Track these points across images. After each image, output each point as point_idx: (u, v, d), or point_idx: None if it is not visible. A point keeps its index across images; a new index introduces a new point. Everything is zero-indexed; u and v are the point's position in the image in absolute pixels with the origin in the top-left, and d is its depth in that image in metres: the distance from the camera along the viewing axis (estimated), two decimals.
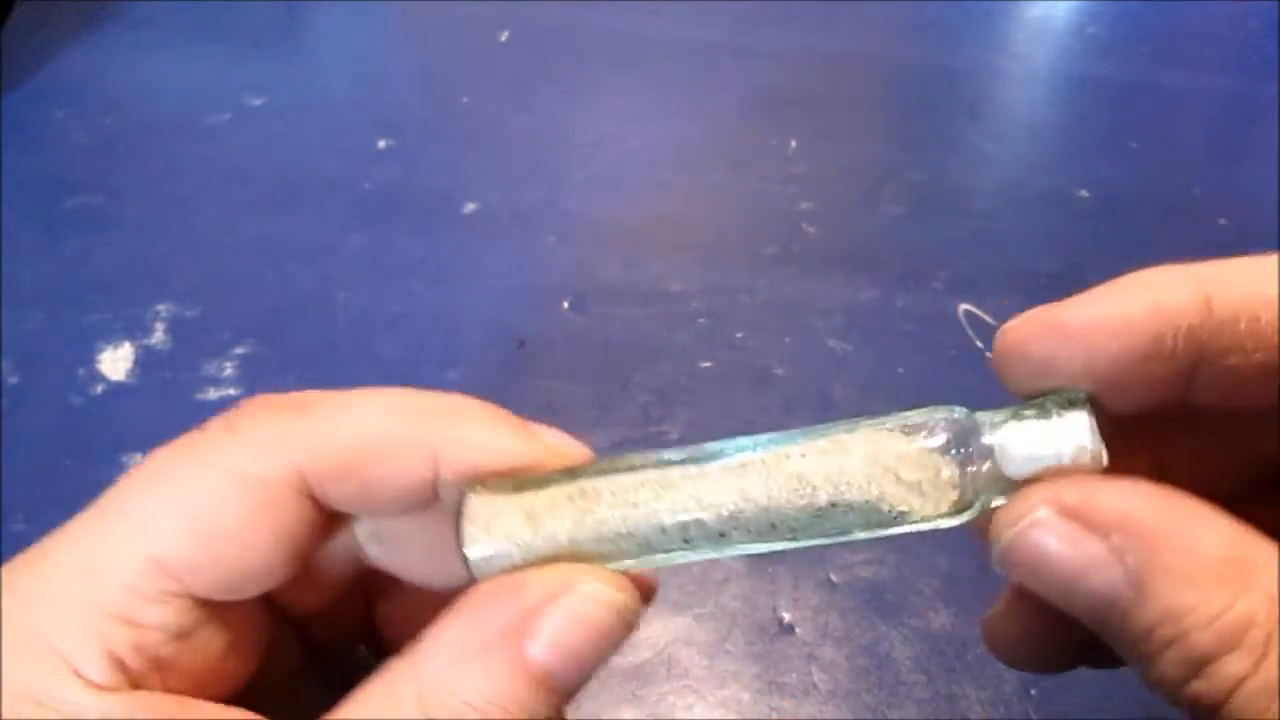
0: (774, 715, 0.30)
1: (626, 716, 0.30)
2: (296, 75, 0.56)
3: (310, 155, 0.50)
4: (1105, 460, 0.18)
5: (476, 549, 0.19)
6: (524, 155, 0.51)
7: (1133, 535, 0.17)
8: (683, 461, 0.19)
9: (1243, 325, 0.17)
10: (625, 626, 0.18)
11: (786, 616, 0.32)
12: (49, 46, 0.57)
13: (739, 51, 0.58)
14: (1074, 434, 0.18)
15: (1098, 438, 0.18)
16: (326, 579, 0.23)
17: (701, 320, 0.42)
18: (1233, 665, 0.16)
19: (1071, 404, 0.18)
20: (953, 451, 0.19)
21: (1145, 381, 0.18)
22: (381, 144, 0.51)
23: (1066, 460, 0.18)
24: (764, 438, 0.20)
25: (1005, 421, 0.19)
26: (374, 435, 0.19)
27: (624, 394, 0.39)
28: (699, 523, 0.19)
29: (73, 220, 0.47)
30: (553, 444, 0.20)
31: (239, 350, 0.41)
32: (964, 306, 0.42)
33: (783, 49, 0.58)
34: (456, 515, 0.19)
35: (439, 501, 0.20)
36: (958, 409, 0.19)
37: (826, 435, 0.19)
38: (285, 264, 0.45)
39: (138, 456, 0.36)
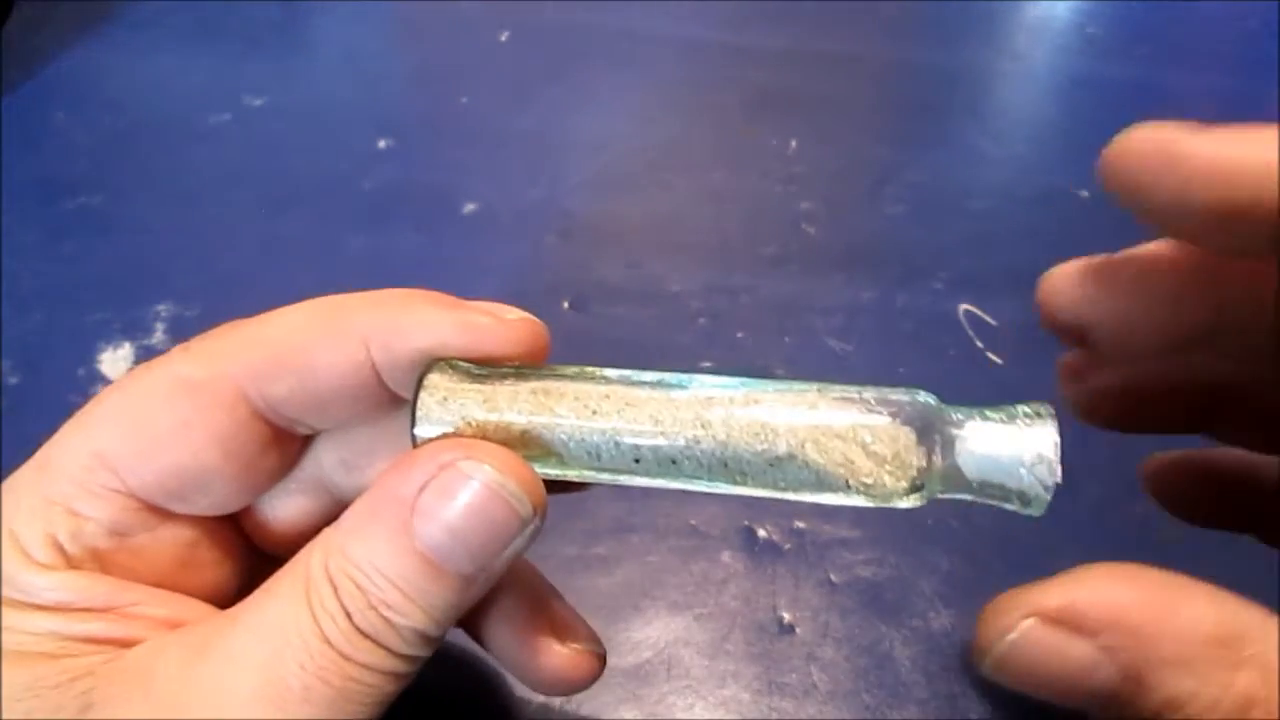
0: (774, 715, 0.30)
1: (626, 716, 0.30)
2: (296, 75, 0.56)
3: (310, 155, 0.50)
4: (1059, 476, 0.18)
5: (426, 427, 0.19)
6: (524, 155, 0.51)
7: (1122, 633, 0.16)
8: (653, 384, 0.20)
9: None
10: (521, 523, 0.18)
11: (786, 616, 0.32)
12: (49, 46, 0.57)
13: (739, 51, 0.58)
14: (1037, 445, 0.18)
15: (1057, 452, 0.18)
16: (301, 515, 0.23)
17: (701, 320, 0.42)
18: None
19: (1039, 416, 0.18)
20: (921, 436, 0.18)
21: (1252, 245, 0.17)
22: (381, 144, 0.51)
23: (1022, 470, 0.18)
24: (736, 379, 0.19)
25: (972, 418, 0.19)
26: (300, 328, 0.20)
27: None
28: (653, 446, 0.19)
29: (73, 220, 0.47)
30: (484, 318, 0.20)
31: None
32: (964, 306, 0.42)
33: (783, 49, 0.58)
34: (414, 391, 0.19)
35: (392, 408, 0.21)
36: (931, 395, 0.19)
37: (800, 390, 0.19)
38: (285, 264, 0.45)
39: None
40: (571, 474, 0.19)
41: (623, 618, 0.32)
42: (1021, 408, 0.19)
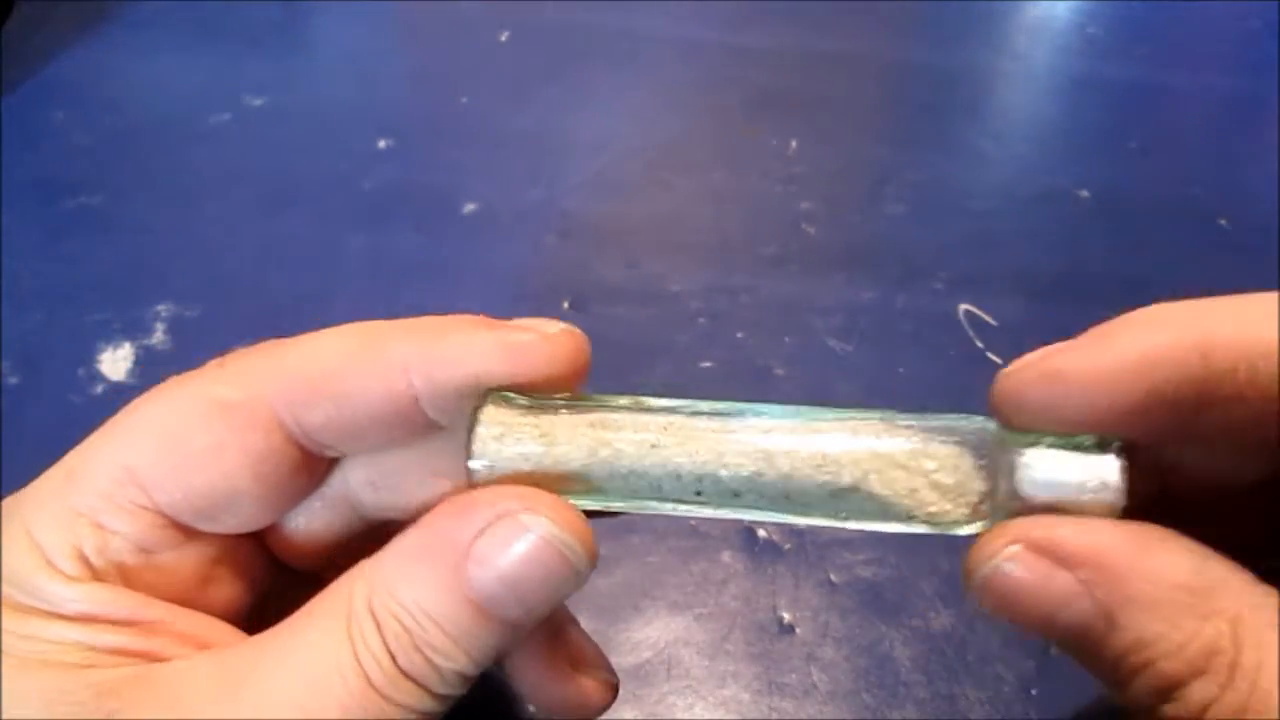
0: (774, 715, 0.30)
1: (626, 717, 0.30)
2: (296, 75, 0.56)
3: (310, 155, 0.50)
4: (1124, 503, 0.18)
5: (485, 461, 0.19)
6: (524, 155, 0.51)
7: (1100, 568, 0.17)
8: (710, 414, 0.19)
9: (1242, 375, 0.17)
10: (574, 574, 0.18)
11: (786, 616, 0.32)
12: (49, 46, 0.57)
13: (739, 51, 0.58)
14: (1101, 471, 0.18)
15: (1123, 478, 0.18)
16: (325, 531, 0.23)
17: (701, 320, 0.42)
18: (1201, 690, 0.16)
19: (1105, 444, 0.18)
20: (982, 463, 0.19)
21: (1145, 428, 0.18)
22: (381, 144, 0.51)
23: (1087, 495, 0.18)
24: (793, 408, 0.19)
25: (1034, 444, 0.19)
26: (338, 354, 0.20)
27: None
28: (715, 478, 0.19)
29: (73, 220, 0.47)
30: (526, 335, 0.20)
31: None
32: (964, 306, 0.42)
33: (783, 49, 0.58)
34: (469, 424, 0.19)
35: (428, 433, 0.21)
36: (990, 421, 0.19)
37: (862, 419, 0.19)
38: (285, 264, 0.45)
39: None
40: (632, 505, 0.19)
41: (623, 618, 0.32)
42: (1085, 436, 0.19)
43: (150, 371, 0.40)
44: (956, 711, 0.30)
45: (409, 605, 0.18)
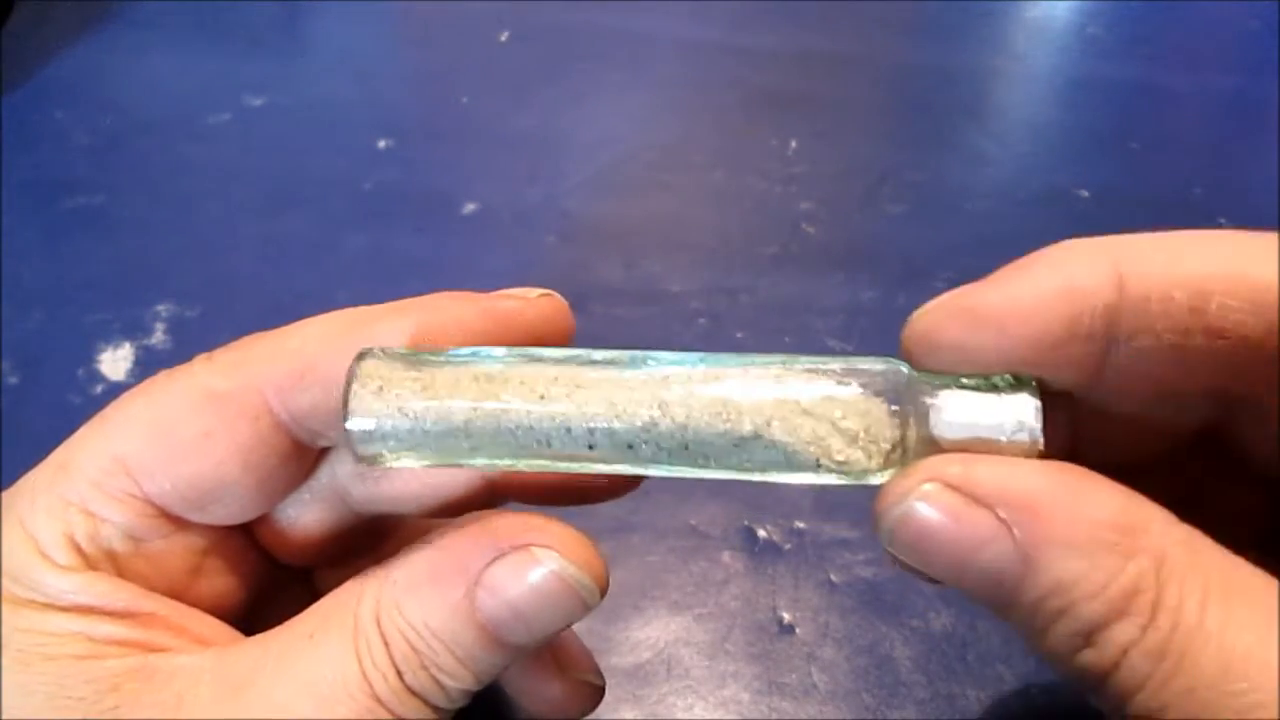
0: (774, 715, 0.30)
1: (626, 717, 0.30)
2: (296, 75, 0.56)
3: (310, 155, 0.50)
4: (1041, 444, 0.17)
5: (359, 420, 0.18)
6: (524, 155, 0.51)
7: (1019, 507, 0.16)
8: (604, 363, 0.18)
9: (1154, 305, 0.17)
10: (582, 606, 0.18)
11: (786, 616, 0.32)
12: (49, 46, 0.57)
13: (739, 51, 0.58)
14: (1017, 412, 0.17)
15: (1039, 419, 0.17)
16: (314, 523, 0.23)
17: (701, 320, 0.42)
18: (1121, 633, 0.15)
19: (1020, 383, 0.18)
20: (893, 407, 0.17)
21: (1059, 363, 0.18)
22: (381, 144, 0.51)
23: (1003, 437, 0.17)
24: (696, 355, 0.18)
25: (947, 386, 0.18)
26: (324, 338, 0.20)
27: None
28: (609, 430, 0.18)
29: (73, 220, 0.47)
30: (510, 301, 0.20)
31: None
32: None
33: (783, 49, 0.58)
34: (345, 382, 0.18)
35: None
36: (903, 364, 0.18)
37: (764, 364, 0.18)
38: (285, 264, 0.45)
39: None
40: (522, 464, 0.18)
41: (623, 618, 0.32)
42: (999, 376, 0.18)
43: (150, 372, 0.40)
44: (956, 711, 0.30)
45: (418, 625, 0.18)
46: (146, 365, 0.40)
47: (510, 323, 0.20)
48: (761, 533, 0.35)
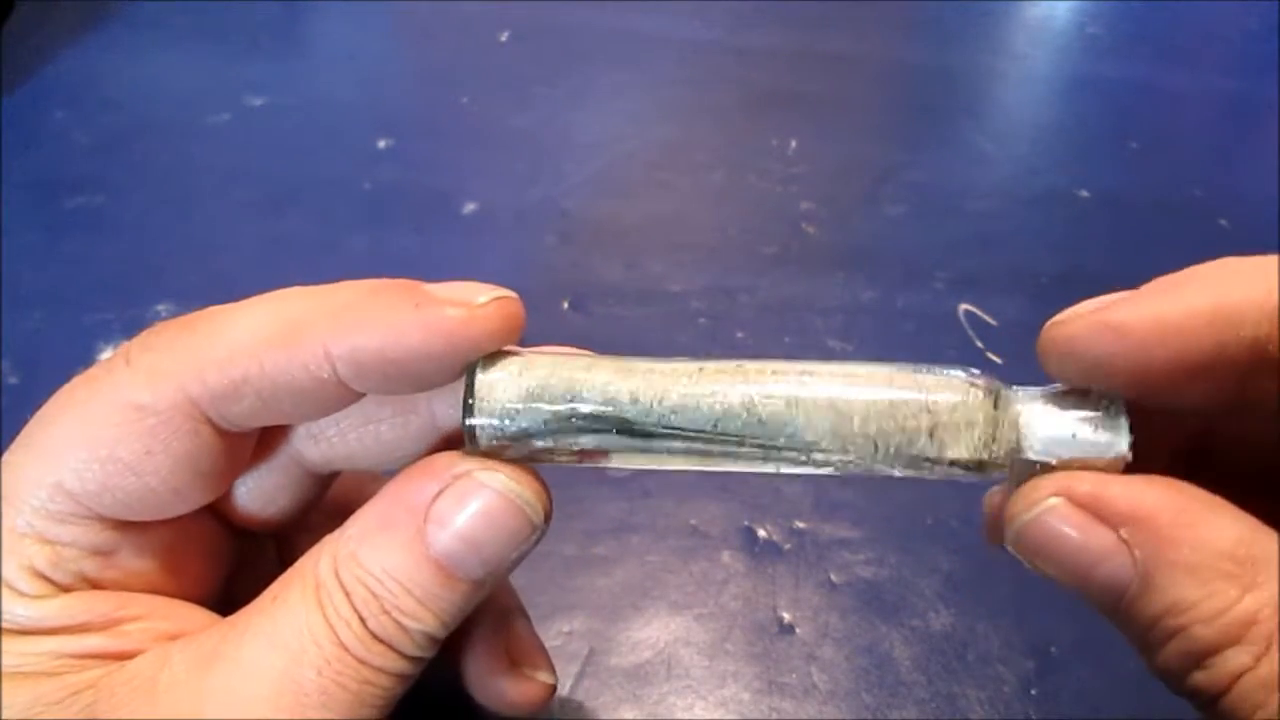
0: (774, 715, 0.30)
1: (626, 717, 0.30)
2: (296, 75, 0.56)
3: (310, 155, 0.50)
4: (1130, 459, 0.18)
5: (487, 416, 0.19)
6: (524, 155, 0.51)
7: (1143, 529, 0.16)
8: (727, 369, 0.19)
9: None
10: (531, 529, 0.18)
11: (786, 616, 0.32)
12: (49, 46, 0.57)
13: (739, 51, 0.58)
14: (1106, 430, 0.18)
15: (1128, 439, 0.18)
16: (279, 494, 0.23)
17: (701, 320, 0.42)
18: (1234, 660, 0.16)
19: (1110, 401, 0.18)
20: (990, 411, 0.18)
21: (1200, 388, 0.18)
22: (381, 144, 0.51)
23: (1091, 454, 0.18)
24: (809, 364, 0.19)
25: (1038, 399, 0.18)
26: (256, 342, 0.19)
27: None
28: (763, 403, 0.18)
29: (73, 220, 0.47)
30: (449, 295, 0.19)
31: None
32: (964, 306, 0.42)
33: (783, 49, 0.58)
34: (467, 382, 0.19)
35: (357, 399, 0.20)
36: (994, 379, 0.19)
37: (871, 370, 0.19)
38: (285, 264, 0.45)
39: None
40: (653, 456, 0.19)
41: (623, 618, 0.32)
42: (1094, 391, 0.18)
43: None
44: (956, 711, 0.30)
45: (374, 570, 0.18)
46: None
47: (451, 337, 0.19)
48: (761, 533, 0.35)
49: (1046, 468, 0.18)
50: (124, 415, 0.19)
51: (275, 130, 0.52)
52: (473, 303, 0.19)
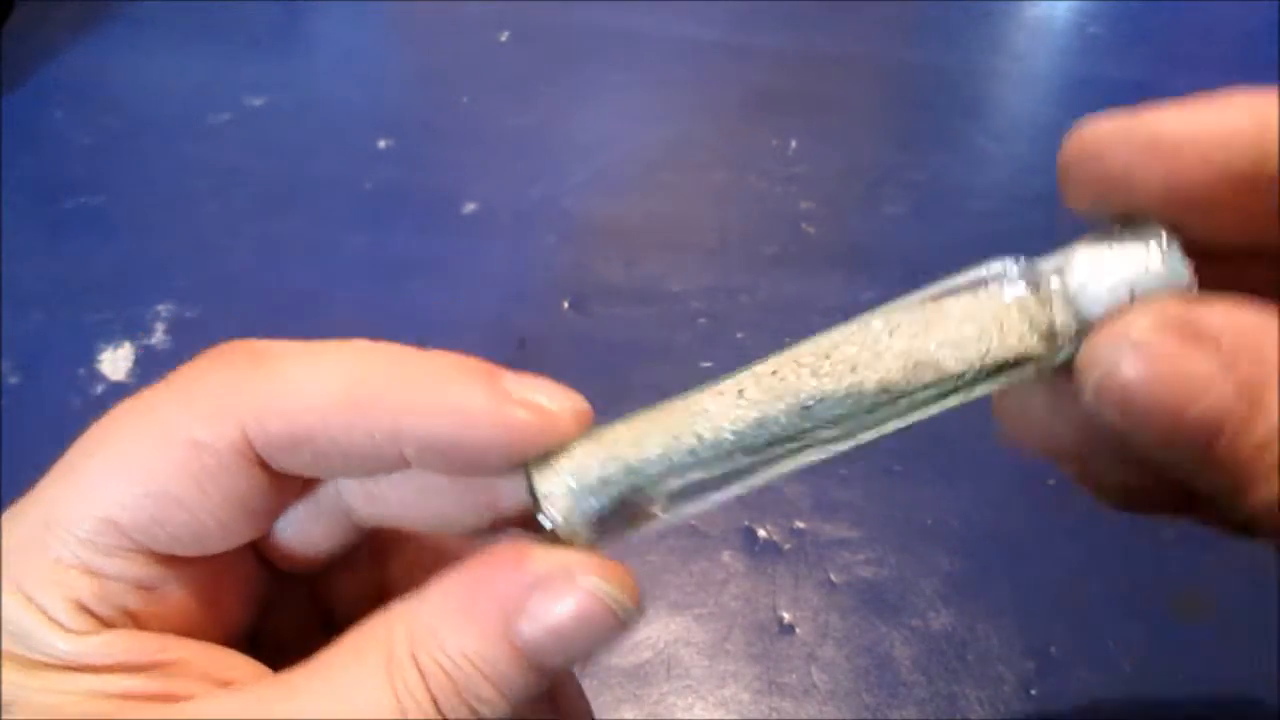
0: (774, 715, 0.30)
1: (627, 717, 0.30)
2: (296, 75, 0.56)
3: (310, 155, 0.50)
4: (1195, 287, 0.16)
5: (559, 510, 0.19)
6: (524, 155, 0.51)
7: (1245, 344, 0.15)
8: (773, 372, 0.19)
9: None
10: (620, 627, 0.18)
11: (786, 616, 0.32)
12: (49, 46, 0.57)
13: (739, 51, 0.58)
14: (1160, 262, 0.16)
15: (1187, 265, 0.16)
16: (321, 539, 0.22)
17: (701, 320, 0.42)
18: None
19: (1148, 230, 0.16)
20: (1037, 293, 0.17)
21: (1234, 212, 0.16)
22: (381, 144, 0.51)
23: (1153, 288, 0.16)
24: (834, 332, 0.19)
25: (1074, 255, 0.17)
26: (325, 399, 0.19)
27: (624, 394, 0.39)
28: (827, 398, 0.18)
29: (73, 220, 0.47)
30: (531, 398, 0.19)
31: None
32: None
33: (783, 49, 0.58)
34: (530, 488, 0.19)
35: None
36: (1008, 259, 0.18)
37: (902, 312, 0.19)
38: (285, 264, 0.45)
39: None
40: (710, 464, 0.19)
41: None
42: (1123, 228, 0.17)
43: (150, 371, 0.40)
44: (956, 711, 0.30)
45: (455, 655, 0.18)
46: (146, 365, 0.40)
47: (521, 438, 0.18)
48: (761, 533, 0.35)
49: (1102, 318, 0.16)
50: (181, 451, 0.19)
51: (275, 130, 0.52)
52: (552, 406, 0.19)
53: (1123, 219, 0.17)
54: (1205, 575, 0.33)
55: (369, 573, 0.24)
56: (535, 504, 0.19)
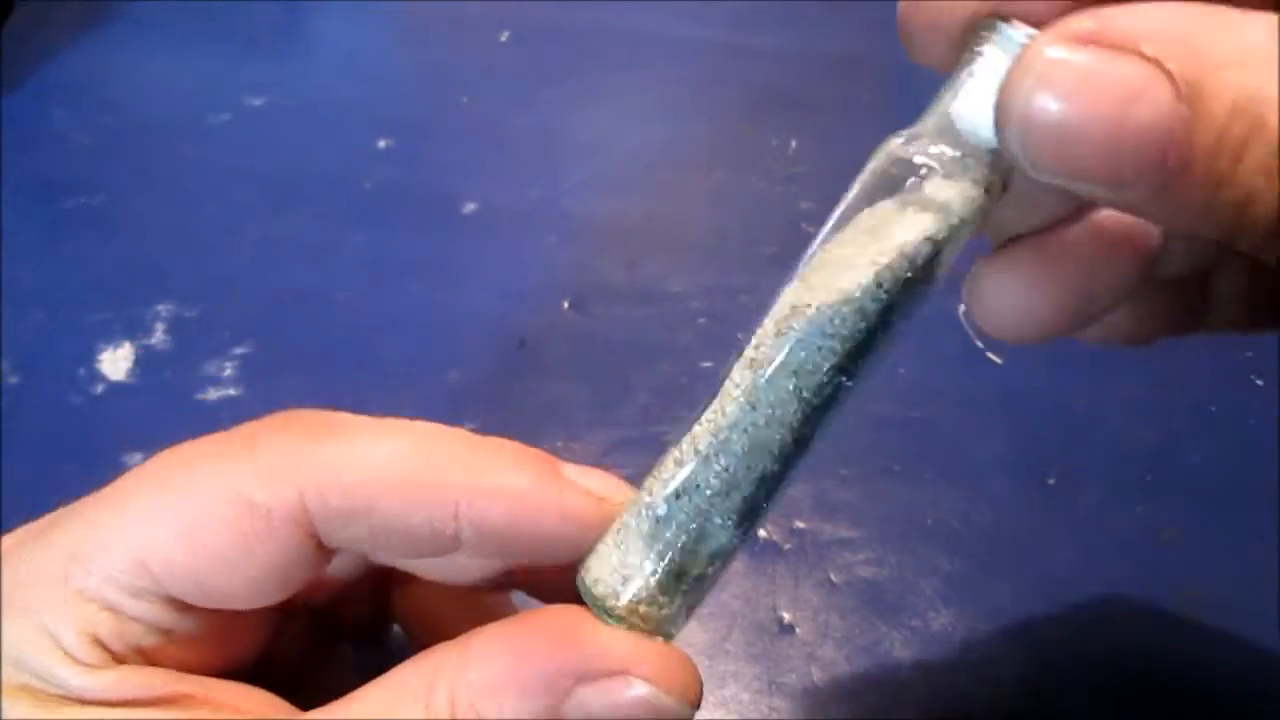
0: (774, 715, 0.30)
1: None
2: (296, 75, 0.56)
3: (310, 155, 0.50)
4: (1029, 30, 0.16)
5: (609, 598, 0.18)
6: (524, 155, 0.51)
7: (1167, 39, 0.13)
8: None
9: None
10: None
11: (786, 616, 0.32)
12: (49, 46, 0.57)
13: (739, 51, 0.58)
14: (1018, 39, 0.16)
15: (1020, 30, 0.16)
16: (335, 580, 0.22)
17: (701, 320, 0.42)
18: None
19: (991, 33, 0.16)
20: (946, 159, 0.18)
21: None
22: (381, 144, 0.51)
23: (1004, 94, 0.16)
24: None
25: (947, 106, 0.18)
26: (388, 475, 0.18)
27: (624, 394, 0.39)
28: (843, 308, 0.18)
29: (73, 220, 0.47)
30: (588, 486, 0.19)
31: (239, 350, 0.41)
32: (964, 306, 0.42)
33: (783, 49, 0.58)
34: (582, 592, 0.19)
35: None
36: (892, 138, 0.19)
37: (839, 244, 0.19)
38: (285, 264, 0.45)
39: (138, 456, 0.36)
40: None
41: None
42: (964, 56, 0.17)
43: (150, 371, 0.40)
44: (957, 711, 0.30)
45: None
46: (146, 365, 0.40)
47: (580, 527, 0.19)
48: (761, 532, 0.35)
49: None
50: (234, 508, 0.18)
51: (275, 130, 0.52)
52: (607, 493, 0.19)
53: (965, 48, 0.17)
54: (1205, 575, 0.33)
55: (372, 598, 0.24)
56: (588, 590, 0.18)
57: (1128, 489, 0.35)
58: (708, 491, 0.18)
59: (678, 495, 0.18)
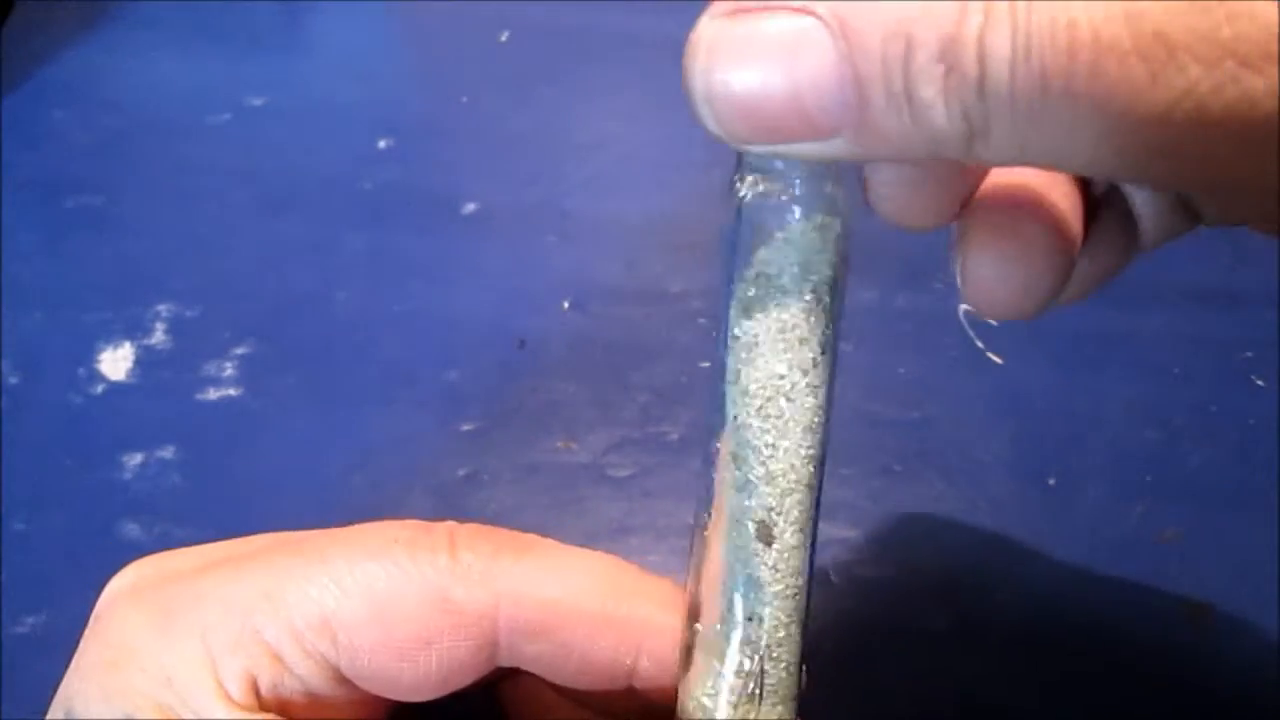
0: None
1: None
2: (296, 75, 0.56)
3: (310, 155, 0.50)
4: None
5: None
6: (524, 155, 0.51)
7: None
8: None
9: None
10: None
11: None
12: (49, 46, 0.57)
13: None
14: None
15: None
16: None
17: (701, 320, 0.42)
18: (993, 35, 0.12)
19: None
20: (784, 196, 0.18)
21: None
22: (381, 144, 0.51)
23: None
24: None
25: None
26: (585, 598, 0.19)
27: (624, 394, 0.39)
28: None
29: (73, 220, 0.47)
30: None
31: (239, 350, 0.41)
32: (964, 306, 0.42)
33: None
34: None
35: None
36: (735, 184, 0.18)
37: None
38: (285, 264, 0.45)
39: (138, 456, 0.36)
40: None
41: None
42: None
43: (150, 371, 0.40)
44: (956, 714, 0.30)
45: None
46: (146, 365, 0.40)
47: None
48: None
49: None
50: (430, 601, 0.18)
51: (275, 130, 0.52)
52: None
53: None
54: (1205, 576, 0.33)
55: (484, 691, 0.24)
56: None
57: (1128, 489, 0.35)
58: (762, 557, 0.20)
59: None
